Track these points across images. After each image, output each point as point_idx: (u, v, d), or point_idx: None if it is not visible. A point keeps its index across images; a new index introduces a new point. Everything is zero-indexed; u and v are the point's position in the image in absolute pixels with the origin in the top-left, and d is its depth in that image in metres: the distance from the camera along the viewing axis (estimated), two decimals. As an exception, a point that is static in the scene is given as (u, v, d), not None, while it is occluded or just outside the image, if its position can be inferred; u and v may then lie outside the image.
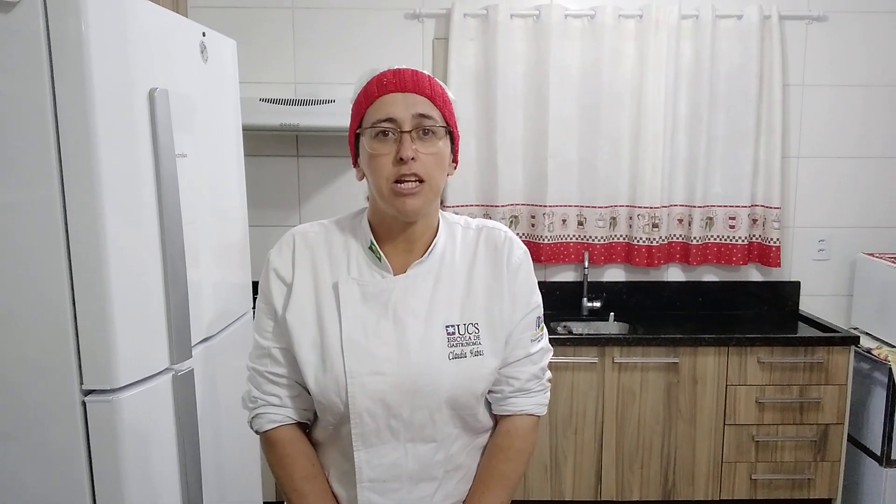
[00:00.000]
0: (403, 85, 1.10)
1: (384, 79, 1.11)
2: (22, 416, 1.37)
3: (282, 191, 3.05)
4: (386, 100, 1.09)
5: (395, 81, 1.10)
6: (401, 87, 1.10)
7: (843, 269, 3.15)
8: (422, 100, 1.10)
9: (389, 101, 1.09)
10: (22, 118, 1.31)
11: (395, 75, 1.11)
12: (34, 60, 1.29)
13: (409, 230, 1.16)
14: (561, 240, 3.05)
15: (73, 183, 1.32)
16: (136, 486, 1.42)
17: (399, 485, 1.14)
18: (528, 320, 1.20)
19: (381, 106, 1.09)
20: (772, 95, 2.95)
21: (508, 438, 1.21)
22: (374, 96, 1.10)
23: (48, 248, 1.33)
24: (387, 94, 1.09)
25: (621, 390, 2.70)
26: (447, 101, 1.15)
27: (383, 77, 1.11)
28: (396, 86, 1.10)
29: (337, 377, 1.10)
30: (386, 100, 1.09)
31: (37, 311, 1.34)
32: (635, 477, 2.75)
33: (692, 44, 2.93)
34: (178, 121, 1.53)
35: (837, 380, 2.69)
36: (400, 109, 1.08)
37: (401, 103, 1.09)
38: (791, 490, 2.75)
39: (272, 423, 1.17)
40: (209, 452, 1.69)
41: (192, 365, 1.58)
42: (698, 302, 3.17)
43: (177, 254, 1.51)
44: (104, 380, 1.37)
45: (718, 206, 3.04)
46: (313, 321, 1.13)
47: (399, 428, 1.12)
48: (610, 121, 2.96)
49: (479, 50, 2.94)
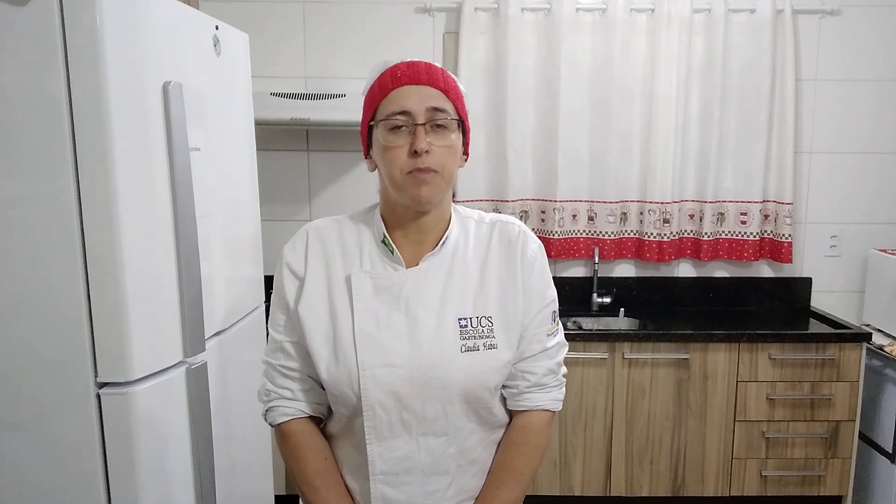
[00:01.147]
0: (418, 77, 1.10)
1: (398, 71, 1.11)
2: (37, 408, 1.37)
3: (292, 185, 3.06)
4: (400, 92, 1.09)
5: (409, 74, 1.10)
6: (415, 79, 1.10)
7: (855, 265, 3.13)
8: (435, 92, 1.10)
9: (404, 94, 1.09)
10: (37, 111, 1.31)
11: (409, 67, 1.11)
12: (49, 54, 1.30)
13: (421, 221, 1.16)
14: (571, 235, 3.04)
15: (87, 176, 1.33)
16: (150, 478, 1.42)
17: (412, 478, 1.14)
18: (543, 315, 1.20)
19: (395, 98, 1.09)
20: (784, 90, 2.93)
21: (523, 434, 1.20)
22: (388, 88, 1.10)
23: (63, 241, 1.33)
24: (401, 87, 1.09)
25: (631, 386, 2.69)
26: (459, 94, 1.15)
27: (397, 69, 1.11)
28: (411, 78, 1.10)
29: (349, 369, 1.10)
30: (400, 92, 1.09)
31: (52, 304, 1.34)
32: (645, 473, 2.74)
33: (704, 38, 2.91)
34: (190, 114, 1.53)
35: (849, 377, 2.68)
36: (414, 102, 1.08)
37: (415, 96, 1.09)
38: (801, 487, 2.74)
39: (285, 417, 1.18)
40: (222, 445, 1.70)
41: (205, 358, 1.58)
42: (709, 298, 3.16)
43: (190, 247, 1.52)
44: (118, 373, 1.38)
45: (730, 202, 3.03)
46: (325, 314, 1.14)
47: (411, 421, 1.12)
48: (621, 116, 2.94)
49: (489, 44, 2.93)
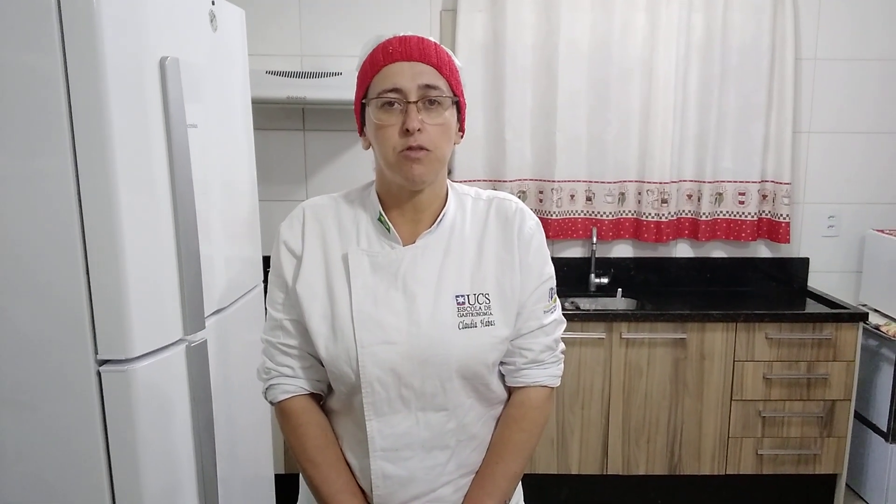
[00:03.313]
0: (409, 54, 1.08)
1: (389, 47, 1.09)
2: (39, 385, 1.38)
3: (288, 165, 3.04)
4: (392, 69, 1.08)
5: (400, 50, 1.08)
6: (406, 55, 1.08)
7: (852, 245, 3.14)
8: (428, 69, 1.09)
9: (395, 71, 1.08)
10: (34, 88, 1.30)
11: (400, 43, 1.09)
12: (45, 29, 1.28)
13: (417, 199, 1.15)
14: (569, 215, 3.04)
15: (85, 153, 1.32)
16: (151, 454, 1.43)
17: (412, 453, 1.15)
18: (540, 291, 1.20)
19: (386, 75, 1.08)
20: (784, 69, 2.92)
21: (522, 409, 1.21)
22: (379, 65, 1.09)
23: (61, 218, 1.33)
24: (393, 64, 1.08)
25: (628, 366, 2.71)
26: (454, 70, 1.13)
27: (389, 45, 1.10)
28: (402, 55, 1.08)
29: (348, 347, 1.10)
30: (392, 69, 1.08)
31: (52, 282, 1.34)
32: (641, 452, 2.77)
33: (704, 16, 2.89)
34: (187, 91, 1.52)
35: (845, 356, 2.69)
36: (406, 79, 1.07)
37: (407, 73, 1.07)
38: (797, 465, 2.77)
39: (285, 394, 1.18)
40: (222, 421, 1.71)
41: (205, 336, 1.58)
42: (706, 278, 3.17)
43: (189, 224, 1.51)
44: (119, 350, 1.38)
45: (728, 182, 3.03)
46: (323, 292, 1.14)
47: (410, 397, 1.13)
48: (619, 95, 2.93)
49: (487, 21, 2.90)
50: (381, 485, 1.15)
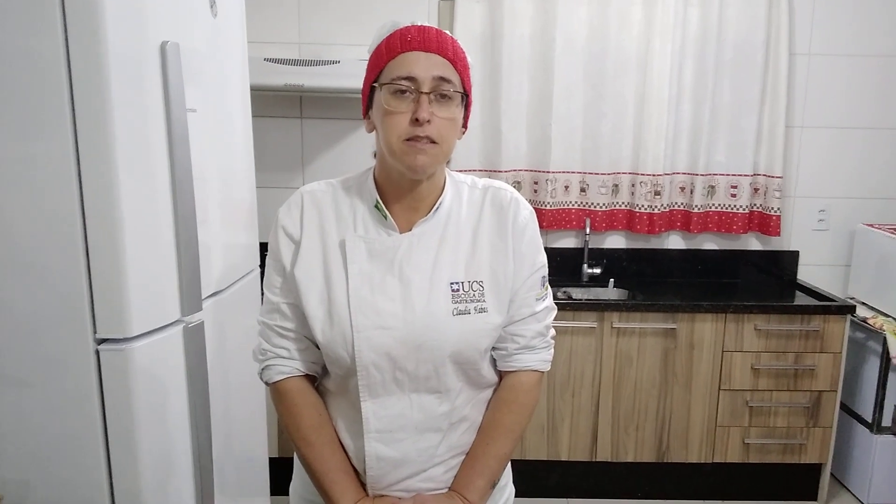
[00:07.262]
0: (428, 44, 1.09)
1: (408, 34, 1.10)
2: (38, 363, 1.39)
3: (286, 152, 3.06)
4: (408, 57, 1.08)
5: (419, 39, 1.09)
6: (425, 46, 1.09)
7: (842, 239, 3.18)
8: (443, 62, 1.09)
9: (412, 59, 1.08)
10: (35, 71, 1.31)
11: (419, 32, 1.10)
12: (47, 12, 1.29)
13: (416, 189, 1.17)
14: (563, 206, 3.07)
15: (86, 135, 1.33)
16: (148, 433, 1.45)
17: (405, 435, 1.17)
18: (533, 279, 1.22)
19: (402, 62, 1.09)
20: (778, 64, 2.95)
21: (513, 392, 1.24)
22: (396, 51, 1.09)
23: (62, 199, 1.34)
24: (410, 52, 1.09)
25: (619, 355, 2.74)
26: (466, 66, 1.15)
27: (407, 32, 1.10)
28: (420, 44, 1.09)
29: (344, 331, 1.12)
30: (408, 57, 1.08)
31: (52, 261, 1.36)
32: (630, 439, 2.81)
33: (700, 10, 2.91)
34: (187, 76, 1.53)
35: (832, 348, 2.73)
36: (422, 69, 1.08)
37: (423, 62, 1.08)
38: (783, 454, 2.82)
39: (281, 375, 1.20)
40: (218, 402, 1.73)
41: (202, 317, 1.60)
42: (697, 270, 3.21)
43: (188, 206, 1.53)
44: (117, 329, 1.39)
45: (721, 175, 3.06)
46: (321, 277, 1.16)
47: (404, 380, 1.15)
48: (615, 87, 2.96)
49: (485, 12, 2.92)
50: (374, 465, 1.17)
